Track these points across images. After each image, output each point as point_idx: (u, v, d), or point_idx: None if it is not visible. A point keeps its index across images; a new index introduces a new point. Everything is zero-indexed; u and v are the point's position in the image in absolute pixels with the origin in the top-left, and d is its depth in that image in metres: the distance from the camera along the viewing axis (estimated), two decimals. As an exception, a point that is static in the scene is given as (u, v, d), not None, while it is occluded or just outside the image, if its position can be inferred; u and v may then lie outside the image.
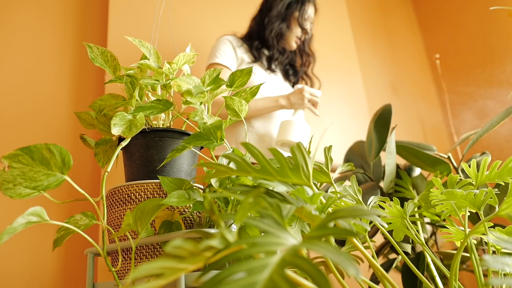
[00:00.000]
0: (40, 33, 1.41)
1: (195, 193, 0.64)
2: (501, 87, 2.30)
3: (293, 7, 1.45)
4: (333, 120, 1.93)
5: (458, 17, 2.64)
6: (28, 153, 0.50)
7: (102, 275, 1.17)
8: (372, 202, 0.65)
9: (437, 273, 0.63)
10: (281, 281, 0.23)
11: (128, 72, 0.75)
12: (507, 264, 0.31)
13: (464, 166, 0.65)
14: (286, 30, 1.44)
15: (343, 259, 0.24)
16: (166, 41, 1.14)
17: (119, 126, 0.64)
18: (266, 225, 0.32)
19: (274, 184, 0.46)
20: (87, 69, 1.45)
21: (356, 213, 0.34)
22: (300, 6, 1.45)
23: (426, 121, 2.54)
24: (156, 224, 0.65)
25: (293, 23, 1.45)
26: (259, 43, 1.44)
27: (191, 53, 0.79)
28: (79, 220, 0.62)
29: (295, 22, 1.45)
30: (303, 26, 1.45)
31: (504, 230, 0.59)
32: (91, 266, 0.70)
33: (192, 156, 0.77)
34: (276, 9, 1.44)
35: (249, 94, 0.77)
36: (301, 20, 1.44)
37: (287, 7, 1.45)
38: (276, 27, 1.43)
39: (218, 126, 0.66)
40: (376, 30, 2.56)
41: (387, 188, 1.00)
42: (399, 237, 0.67)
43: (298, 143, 0.44)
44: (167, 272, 0.27)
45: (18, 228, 0.48)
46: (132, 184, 0.69)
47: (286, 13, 1.44)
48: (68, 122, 1.36)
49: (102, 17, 1.52)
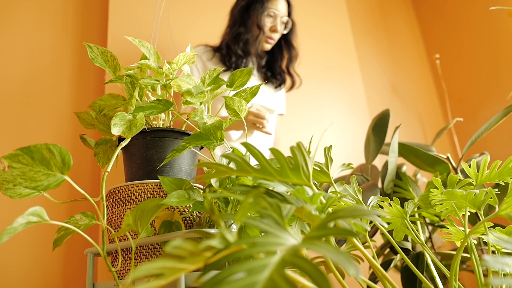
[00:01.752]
0: (40, 33, 1.41)
1: (195, 193, 0.64)
2: (501, 87, 2.30)
3: (250, 8, 1.39)
4: (333, 120, 1.93)
5: (458, 17, 2.64)
6: (28, 153, 0.50)
7: (102, 275, 1.17)
8: (372, 202, 0.65)
9: (436, 273, 0.63)
10: (281, 281, 0.23)
11: (128, 72, 0.75)
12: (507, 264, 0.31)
13: (464, 166, 0.65)
14: (246, 34, 1.39)
15: (343, 259, 0.24)
16: (166, 41, 1.14)
17: (119, 126, 0.64)
18: (266, 225, 0.32)
19: (274, 184, 0.46)
20: (87, 69, 1.45)
21: (356, 213, 0.34)
22: (258, 5, 1.38)
23: (426, 121, 2.54)
24: (156, 224, 0.65)
25: (252, 25, 1.40)
26: (226, 52, 1.39)
27: (191, 53, 0.79)
28: (79, 220, 0.62)
29: (253, 23, 1.40)
30: (261, 27, 1.38)
31: (504, 230, 0.59)
32: (91, 266, 0.70)
33: (192, 156, 0.77)
34: (234, 14, 1.42)
35: (249, 94, 0.78)
36: (260, 20, 1.38)
37: (244, 10, 1.40)
38: (234, 33, 1.39)
39: (218, 126, 0.66)
40: (376, 30, 2.56)
41: (386, 188, 1.01)
42: (399, 237, 0.67)
43: (298, 143, 0.44)
44: (167, 272, 0.27)
45: (18, 228, 0.48)
46: (132, 184, 0.69)
47: (243, 16, 1.40)
48: (68, 122, 1.36)
49: (102, 17, 1.52)
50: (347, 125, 1.97)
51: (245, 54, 1.40)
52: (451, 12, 2.69)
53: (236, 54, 1.39)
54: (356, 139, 1.92)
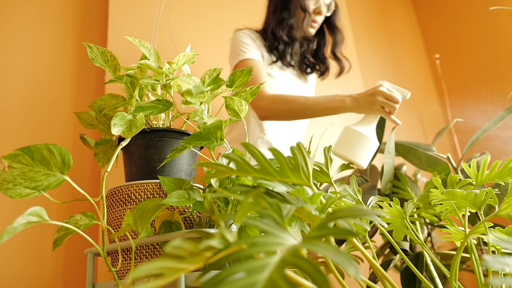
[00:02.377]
0: (40, 33, 1.41)
1: (195, 193, 0.64)
2: (501, 87, 2.30)
3: None
4: (333, 120, 1.92)
5: (458, 17, 2.64)
6: (28, 153, 0.50)
7: (102, 275, 1.17)
8: (371, 202, 0.65)
9: (436, 273, 0.63)
10: (281, 281, 0.23)
11: (128, 72, 0.75)
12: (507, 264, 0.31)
13: (464, 166, 0.65)
14: (290, 18, 1.30)
15: (343, 259, 0.24)
16: (166, 41, 1.14)
17: (119, 126, 0.64)
18: (266, 225, 0.32)
19: (274, 184, 0.46)
20: (87, 69, 1.45)
21: (356, 213, 0.34)
22: None
23: (426, 121, 2.54)
24: (156, 224, 0.65)
25: (296, 9, 1.31)
26: (273, 40, 1.31)
27: (191, 53, 0.79)
28: (79, 220, 0.62)
29: (297, 7, 1.30)
30: (305, 8, 1.29)
31: (504, 230, 0.59)
32: (91, 266, 0.70)
33: (192, 156, 0.77)
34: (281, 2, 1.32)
35: (249, 94, 0.77)
36: (304, 2, 1.29)
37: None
38: (278, 18, 1.31)
39: (218, 126, 0.66)
40: (376, 30, 2.56)
41: (384, 189, 1.01)
42: (399, 237, 0.67)
43: (298, 143, 0.44)
44: (167, 272, 0.27)
45: (18, 228, 0.48)
46: (132, 184, 0.69)
47: (284, 0, 1.31)
48: (68, 122, 1.36)
49: (102, 17, 1.52)
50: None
51: (291, 40, 1.32)
52: (451, 12, 2.69)
53: (283, 41, 1.31)
54: (356, 139, 1.92)
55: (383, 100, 1.00)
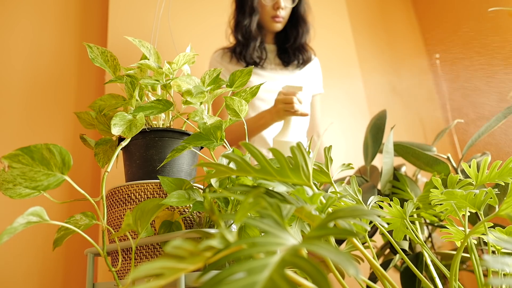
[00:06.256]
0: (40, 33, 1.41)
1: (195, 193, 0.64)
2: (501, 87, 2.30)
3: None
4: (332, 120, 1.93)
5: (458, 17, 2.64)
6: (28, 153, 0.50)
7: (102, 275, 1.17)
8: (371, 202, 0.65)
9: (436, 273, 0.63)
10: (281, 281, 0.23)
11: (128, 72, 0.75)
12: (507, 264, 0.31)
13: (464, 166, 0.65)
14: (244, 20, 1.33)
15: (343, 259, 0.24)
16: (166, 41, 1.14)
17: (119, 126, 0.64)
18: (266, 225, 0.32)
19: (274, 184, 0.46)
20: (87, 69, 1.45)
21: (356, 213, 0.34)
22: None
23: (426, 121, 2.54)
24: (156, 224, 0.65)
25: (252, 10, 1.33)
26: (238, 47, 1.34)
27: (191, 53, 0.79)
28: (79, 220, 0.62)
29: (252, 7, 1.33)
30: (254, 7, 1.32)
31: (504, 230, 0.59)
32: (91, 266, 0.70)
33: (192, 156, 0.77)
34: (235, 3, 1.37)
35: (249, 94, 0.78)
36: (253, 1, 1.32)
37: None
38: (235, 23, 1.35)
39: (218, 126, 0.66)
40: (376, 30, 2.56)
41: (383, 189, 1.00)
42: (399, 237, 0.67)
43: (298, 142, 0.44)
44: (167, 272, 0.27)
45: (18, 228, 0.48)
46: (132, 184, 0.69)
47: (240, 2, 1.35)
48: (68, 122, 1.36)
49: (102, 17, 1.52)
50: (347, 126, 1.97)
51: (246, 40, 1.34)
52: (451, 12, 2.69)
53: (240, 43, 1.34)
54: (356, 140, 1.92)
55: (283, 105, 1.12)
